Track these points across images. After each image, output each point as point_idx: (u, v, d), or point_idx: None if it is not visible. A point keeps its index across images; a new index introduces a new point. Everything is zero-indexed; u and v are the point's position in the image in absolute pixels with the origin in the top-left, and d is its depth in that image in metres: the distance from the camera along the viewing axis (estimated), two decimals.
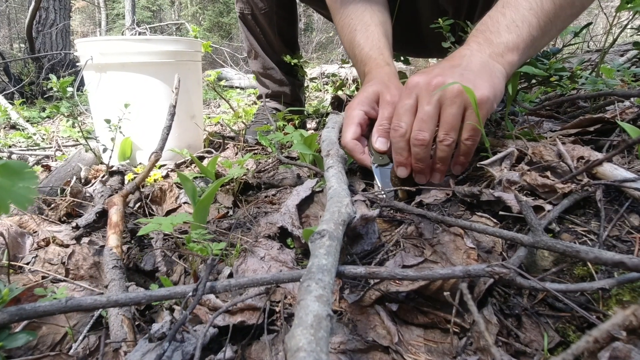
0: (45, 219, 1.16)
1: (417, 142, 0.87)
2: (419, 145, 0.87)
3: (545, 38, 0.95)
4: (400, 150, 0.91)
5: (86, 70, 1.69)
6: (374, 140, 0.99)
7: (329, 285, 0.50)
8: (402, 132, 0.89)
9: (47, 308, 0.61)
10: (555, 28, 0.94)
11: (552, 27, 0.93)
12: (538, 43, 0.94)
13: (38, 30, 5.57)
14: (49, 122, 3.34)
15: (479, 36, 0.92)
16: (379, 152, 0.99)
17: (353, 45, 1.23)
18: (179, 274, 0.96)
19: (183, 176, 1.07)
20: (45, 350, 0.76)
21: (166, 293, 0.64)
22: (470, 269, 0.58)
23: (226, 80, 5.13)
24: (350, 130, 1.02)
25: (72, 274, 0.95)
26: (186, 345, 0.67)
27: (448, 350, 0.63)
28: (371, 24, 1.23)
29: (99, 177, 1.50)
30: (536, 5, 0.89)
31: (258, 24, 1.89)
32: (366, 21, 1.24)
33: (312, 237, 0.61)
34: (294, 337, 0.41)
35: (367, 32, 1.22)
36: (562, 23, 0.95)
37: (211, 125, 2.55)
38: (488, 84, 0.84)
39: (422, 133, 0.86)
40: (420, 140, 0.86)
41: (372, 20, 1.24)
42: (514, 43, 0.89)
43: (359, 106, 1.04)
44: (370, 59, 1.17)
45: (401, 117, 0.89)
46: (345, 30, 1.27)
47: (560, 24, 0.95)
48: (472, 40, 0.92)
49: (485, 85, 0.83)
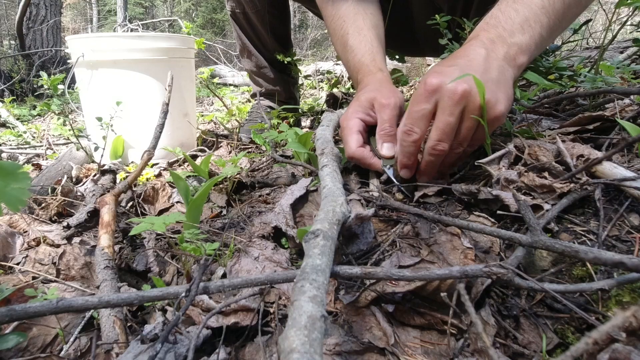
0: (36, 219, 1.14)
1: (435, 152, 0.85)
2: (436, 155, 0.85)
3: (551, 39, 0.93)
4: (409, 155, 0.89)
5: (77, 68, 1.67)
6: (380, 147, 0.98)
7: (323, 286, 0.49)
8: (415, 138, 0.86)
9: (37, 309, 0.60)
10: (561, 28, 0.93)
11: (559, 27, 0.91)
12: (545, 43, 0.92)
13: (28, 26, 5.52)
14: (40, 120, 3.32)
15: (491, 31, 0.88)
16: (387, 158, 0.98)
17: (346, 49, 1.22)
18: (171, 275, 0.95)
19: (176, 175, 1.05)
20: (35, 352, 0.75)
21: (159, 294, 0.64)
22: (468, 270, 0.57)
23: (219, 78, 5.11)
24: (352, 140, 1.00)
25: (63, 274, 0.95)
26: (179, 346, 0.66)
27: (445, 352, 0.62)
28: (364, 28, 1.21)
29: (90, 176, 1.49)
30: (548, 3, 0.86)
31: (250, 23, 1.88)
32: (359, 25, 1.22)
33: (306, 237, 0.60)
34: (288, 338, 0.41)
35: (360, 36, 1.20)
36: (567, 22, 0.93)
37: (204, 123, 2.53)
38: (506, 96, 0.82)
39: (442, 144, 0.83)
40: (439, 151, 0.84)
41: (364, 24, 1.22)
42: (526, 45, 0.86)
43: (355, 114, 1.03)
44: (362, 66, 1.17)
45: (416, 122, 0.86)
46: (338, 33, 1.26)
47: (566, 23, 0.93)
48: (484, 36, 0.88)
49: (504, 99, 0.81)
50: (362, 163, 1.00)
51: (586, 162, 0.78)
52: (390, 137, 0.97)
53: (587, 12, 7.35)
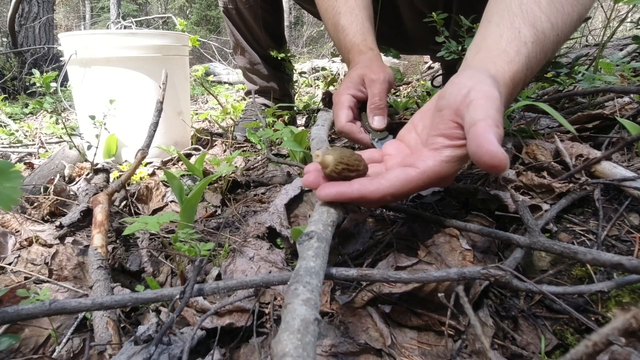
0: (28, 218, 1.13)
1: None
2: None
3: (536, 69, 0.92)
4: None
5: (70, 65, 1.66)
6: (371, 121, 1.01)
7: (316, 289, 0.49)
8: None
9: (30, 311, 0.60)
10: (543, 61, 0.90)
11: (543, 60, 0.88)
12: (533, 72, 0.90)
13: (21, 23, 5.47)
14: (32, 118, 3.29)
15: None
16: (377, 131, 0.99)
17: (337, 29, 1.24)
18: (165, 275, 0.94)
19: (170, 174, 1.05)
20: (28, 353, 0.75)
21: (153, 295, 0.63)
22: (466, 272, 0.57)
23: (214, 75, 5.09)
24: (342, 114, 1.02)
25: (56, 274, 0.94)
26: (173, 348, 0.66)
27: (442, 353, 0.62)
28: (355, 7, 1.23)
29: (83, 175, 1.47)
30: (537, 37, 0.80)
31: (243, 19, 1.87)
32: (350, 4, 1.24)
33: (300, 239, 0.59)
34: (280, 342, 0.40)
35: (352, 16, 1.22)
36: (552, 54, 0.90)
37: (199, 121, 2.52)
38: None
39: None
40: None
41: (356, 4, 1.24)
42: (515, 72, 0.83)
43: (346, 91, 1.05)
44: (354, 46, 1.19)
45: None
46: (330, 12, 1.27)
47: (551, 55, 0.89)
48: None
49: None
50: (351, 137, 1.01)
51: (585, 161, 0.77)
52: (380, 110, 1.00)
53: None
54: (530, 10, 0.77)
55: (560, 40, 0.82)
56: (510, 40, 0.75)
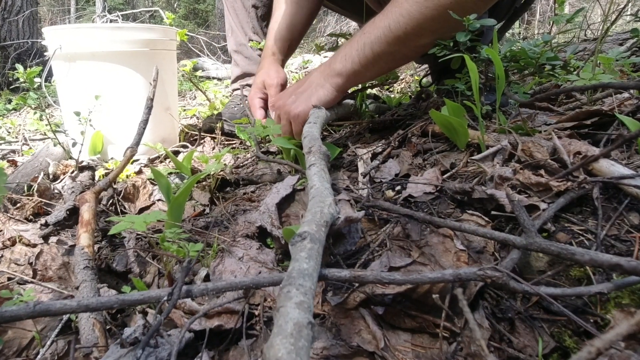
0: (11, 217, 1.10)
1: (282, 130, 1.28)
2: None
3: (370, 72, 1.18)
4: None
5: (55, 60, 1.62)
6: (272, 114, 1.39)
7: (310, 291, 0.48)
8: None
9: (14, 313, 0.58)
10: (379, 68, 1.17)
11: (374, 67, 1.15)
12: (365, 73, 1.17)
13: (4, 17, 5.39)
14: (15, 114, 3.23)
15: (326, 60, 1.24)
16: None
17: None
18: (152, 275, 0.93)
19: (157, 172, 1.03)
20: (11, 356, 0.74)
21: (140, 297, 0.61)
22: (461, 273, 0.56)
23: (203, 71, 5.04)
24: (257, 113, 1.50)
25: (40, 275, 0.93)
26: (160, 350, 0.65)
27: (437, 356, 0.61)
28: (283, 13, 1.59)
29: (68, 173, 1.45)
30: (360, 48, 1.12)
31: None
32: (282, 10, 1.59)
33: (292, 240, 0.58)
34: (273, 346, 0.39)
35: (275, 21, 1.61)
36: (386, 64, 1.16)
37: (187, 118, 2.49)
38: (304, 103, 1.20)
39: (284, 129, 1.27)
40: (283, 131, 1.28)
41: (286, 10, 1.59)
42: (340, 70, 1.17)
43: (256, 95, 1.50)
44: (266, 49, 1.61)
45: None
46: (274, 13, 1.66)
47: (384, 64, 1.16)
48: (321, 65, 1.26)
49: (300, 104, 1.21)
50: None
51: (583, 159, 0.76)
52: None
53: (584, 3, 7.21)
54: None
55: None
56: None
